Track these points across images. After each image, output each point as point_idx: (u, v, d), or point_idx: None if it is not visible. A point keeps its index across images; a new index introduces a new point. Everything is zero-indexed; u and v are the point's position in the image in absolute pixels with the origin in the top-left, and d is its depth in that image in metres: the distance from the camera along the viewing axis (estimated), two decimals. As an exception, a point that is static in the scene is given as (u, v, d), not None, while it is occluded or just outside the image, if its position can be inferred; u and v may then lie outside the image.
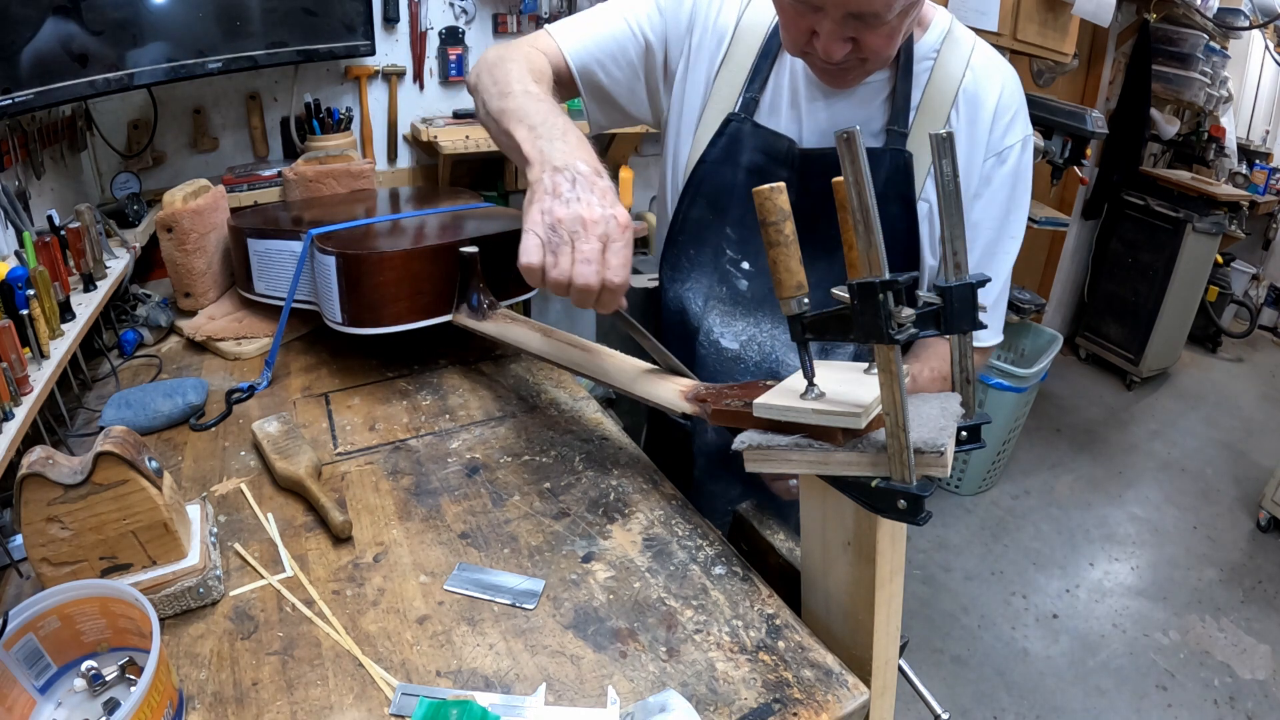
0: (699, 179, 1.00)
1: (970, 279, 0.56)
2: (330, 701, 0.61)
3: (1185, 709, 2.05)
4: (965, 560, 2.59)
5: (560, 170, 0.75)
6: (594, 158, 0.78)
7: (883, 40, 0.80)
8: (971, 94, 0.92)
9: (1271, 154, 4.18)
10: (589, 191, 0.74)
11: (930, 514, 0.57)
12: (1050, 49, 2.46)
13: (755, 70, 0.97)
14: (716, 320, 1.03)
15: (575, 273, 0.71)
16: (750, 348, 1.02)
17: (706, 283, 1.03)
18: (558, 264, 0.72)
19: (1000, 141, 0.93)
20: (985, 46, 0.95)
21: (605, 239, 0.72)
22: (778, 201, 0.61)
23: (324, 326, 1.10)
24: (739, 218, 0.99)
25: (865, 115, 0.94)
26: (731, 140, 0.97)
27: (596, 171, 0.76)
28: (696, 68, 0.99)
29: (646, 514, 0.84)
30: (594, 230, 0.72)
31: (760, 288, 1.01)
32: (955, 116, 0.92)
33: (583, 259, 0.71)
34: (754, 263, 1.00)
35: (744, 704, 0.62)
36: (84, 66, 1.20)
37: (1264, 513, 2.77)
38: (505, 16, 1.97)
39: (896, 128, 0.91)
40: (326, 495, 0.82)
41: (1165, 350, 3.76)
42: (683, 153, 1.02)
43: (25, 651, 0.60)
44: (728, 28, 0.98)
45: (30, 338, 0.88)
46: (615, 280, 0.72)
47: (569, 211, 0.72)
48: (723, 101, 0.98)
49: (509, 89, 0.87)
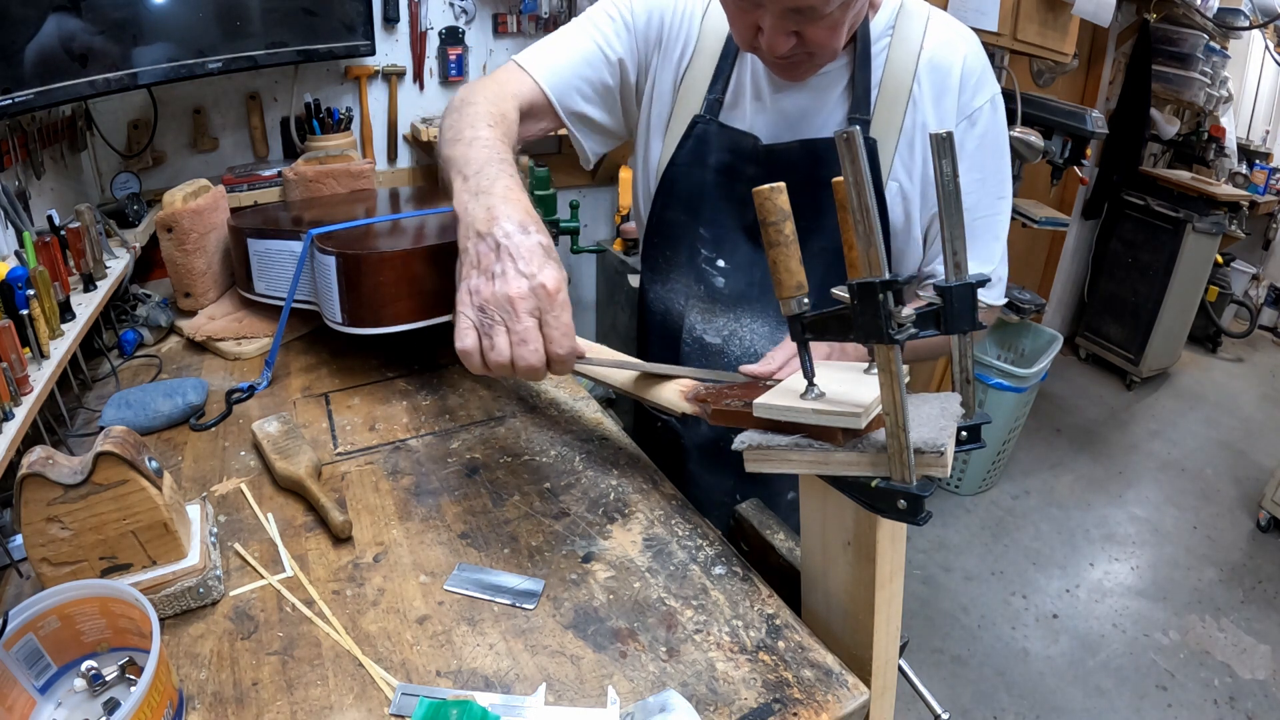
0: (670, 181, 1.01)
1: (970, 279, 0.56)
2: (330, 701, 0.61)
3: (1185, 709, 2.05)
4: (965, 560, 2.59)
5: (483, 237, 0.72)
6: (520, 209, 0.74)
7: (826, 33, 0.81)
8: (934, 63, 0.92)
9: (1271, 154, 4.18)
10: (512, 261, 0.70)
11: (930, 514, 0.57)
12: (1050, 49, 2.46)
13: (718, 71, 0.98)
14: (698, 318, 1.04)
15: (515, 355, 0.69)
16: (732, 342, 1.04)
17: (685, 282, 1.05)
18: (494, 347, 0.69)
19: (970, 104, 0.93)
20: (941, 14, 0.95)
21: (538, 312, 0.69)
22: (778, 201, 0.61)
23: (324, 326, 1.10)
24: (711, 217, 1.00)
25: (826, 105, 0.94)
26: (699, 142, 0.98)
27: (521, 228, 0.72)
28: (664, 76, 1.01)
29: (646, 514, 0.84)
30: (522, 308, 0.68)
31: (737, 284, 1.02)
32: (919, 88, 0.92)
33: (519, 340, 0.68)
34: (729, 260, 1.01)
35: (744, 704, 0.62)
36: (84, 66, 1.20)
37: (1264, 513, 2.77)
38: (505, 16, 1.97)
39: (859, 115, 0.92)
40: (326, 495, 0.82)
41: (1165, 350, 3.76)
42: (653, 157, 1.04)
43: (25, 651, 0.60)
44: (692, 33, 0.99)
45: (30, 338, 0.88)
46: (560, 352, 0.69)
47: (493, 291, 0.69)
48: (689, 105, 0.99)
49: (459, 134, 0.87)
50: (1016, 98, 2.50)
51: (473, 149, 0.83)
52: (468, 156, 0.82)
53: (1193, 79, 3.44)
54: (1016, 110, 2.49)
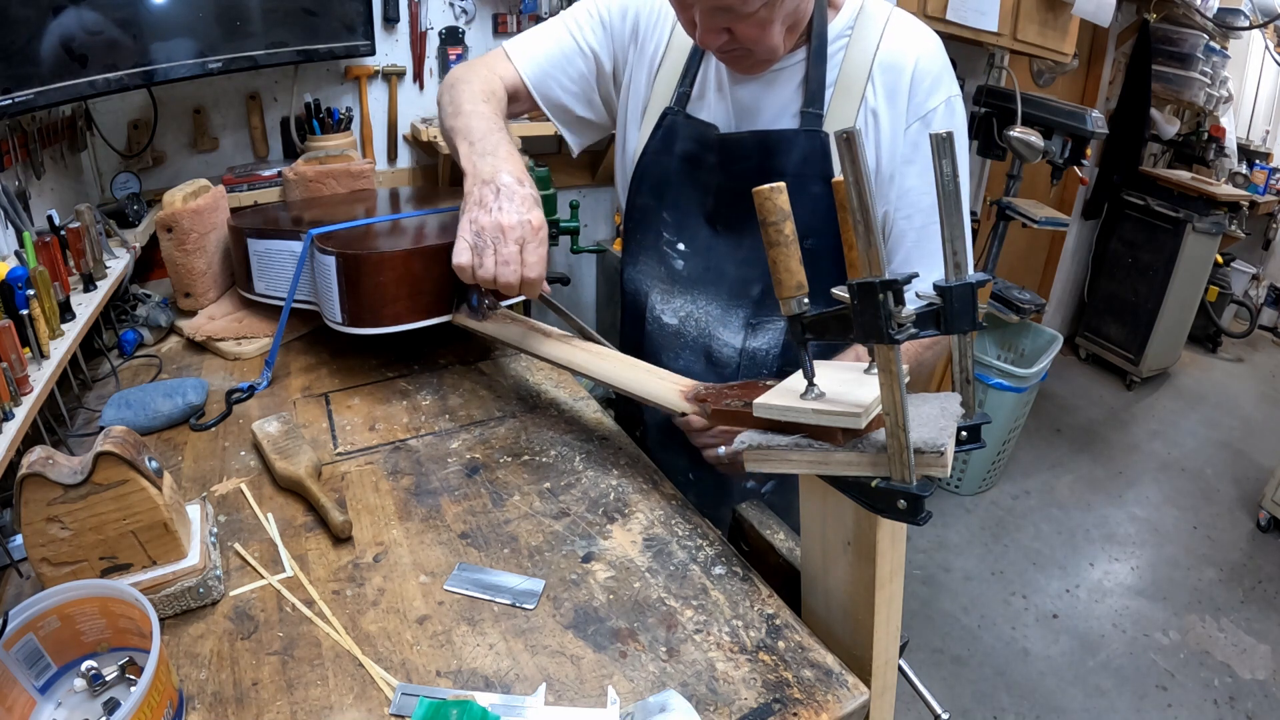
0: (643, 170, 1.08)
1: (970, 279, 0.56)
2: (330, 701, 0.61)
3: (1185, 709, 2.05)
4: (965, 560, 2.59)
5: (487, 183, 0.90)
6: (519, 169, 0.93)
7: (755, 30, 0.86)
8: (888, 64, 0.95)
9: (1271, 154, 4.18)
10: (509, 201, 0.88)
11: (930, 514, 0.57)
12: (1050, 49, 2.46)
13: (687, 66, 1.04)
14: (658, 299, 1.11)
15: (498, 272, 0.87)
16: (689, 323, 1.10)
17: (650, 264, 1.12)
18: (483, 264, 0.87)
19: (923, 105, 0.95)
20: (902, 16, 0.98)
21: (521, 241, 0.87)
22: (778, 201, 0.61)
23: (324, 326, 1.10)
24: (674, 201, 1.07)
25: (782, 98, 0.99)
26: (668, 132, 1.05)
27: (519, 181, 0.91)
28: (639, 71, 1.08)
29: (646, 514, 0.84)
30: (511, 235, 0.87)
31: (695, 267, 1.08)
32: (873, 89, 0.95)
33: (503, 260, 0.87)
34: (689, 244, 1.08)
35: (744, 704, 0.62)
36: (84, 66, 1.20)
37: (1264, 513, 2.77)
38: (505, 16, 1.97)
39: (812, 109, 0.96)
40: (326, 495, 0.82)
41: (1165, 350, 3.76)
42: (630, 146, 1.11)
43: (25, 651, 0.60)
44: (665, 31, 1.06)
45: (30, 338, 0.88)
46: (531, 275, 0.88)
47: (491, 220, 0.87)
48: (661, 98, 1.06)
49: (460, 108, 1.00)
50: (1016, 98, 2.50)
51: (474, 120, 0.98)
52: (471, 126, 0.97)
53: (1193, 79, 3.44)
54: (1017, 110, 2.49)
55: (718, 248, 1.06)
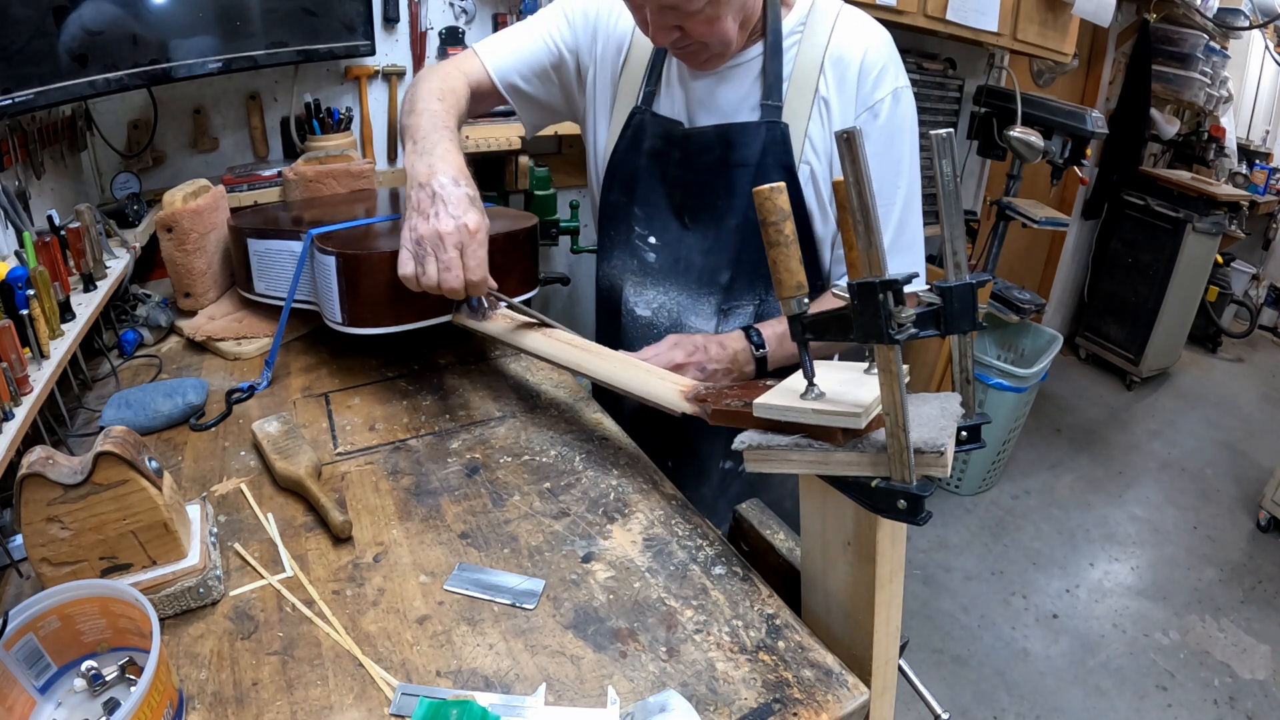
0: (614, 167, 1.12)
1: (970, 279, 0.56)
2: (330, 701, 0.61)
3: (1185, 709, 2.05)
4: (965, 560, 2.59)
5: (423, 186, 0.90)
6: (455, 167, 0.93)
7: (704, 27, 0.89)
8: (837, 58, 0.99)
9: (1271, 154, 4.18)
10: (444, 205, 0.88)
11: (930, 514, 0.57)
12: (1050, 49, 2.46)
13: (651, 66, 1.08)
14: (631, 292, 1.15)
15: (441, 279, 0.87)
16: (661, 314, 1.13)
17: (623, 259, 1.16)
18: (425, 273, 0.88)
19: (870, 96, 0.99)
20: (851, 12, 1.03)
21: (460, 246, 0.87)
22: (778, 201, 0.61)
23: (324, 326, 1.10)
24: (644, 196, 1.11)
25: (741, 92, 1.03)
26: (637, 130, 1.09)
27: (454, 180, 0.90)
28: (603, 71, 1.12)
29: (646, 514, 0.84)
30: (449, 241, 0.87)
31: (666, 260, 1.12)
32: (824, 82, 0.99)
33: (444, 267, 0.87)
34: (660, 237, 1.12)
35: (744, 704, 0.62)
36: (84, 66, 1.20)
37: (1264, 513, 2.77)
38: (505, 16, 1.97)
39: (771, 101, 1.00)
40: (326, 495, 0.82)
41: (1165, 350, 3.76)
42: (600, 146, 1.15)
43: (25, 651, 0.60)
44: (626, 33, 1.10)
45: (30, 338, 0.88)
46: (474, 278, 0.89)
47: (429, 228, 0.88)
48: (627, 97, 1.10)
49: (414, 107, 1.02)
50: (1016, 98, 2.50)
51: (422, 119, 0.99)
52: (418, 125, 0.98)
53: (1193, 79, 3.44)
54: (1017, 110, 2.49)
55: (686, 239, 1.10)
